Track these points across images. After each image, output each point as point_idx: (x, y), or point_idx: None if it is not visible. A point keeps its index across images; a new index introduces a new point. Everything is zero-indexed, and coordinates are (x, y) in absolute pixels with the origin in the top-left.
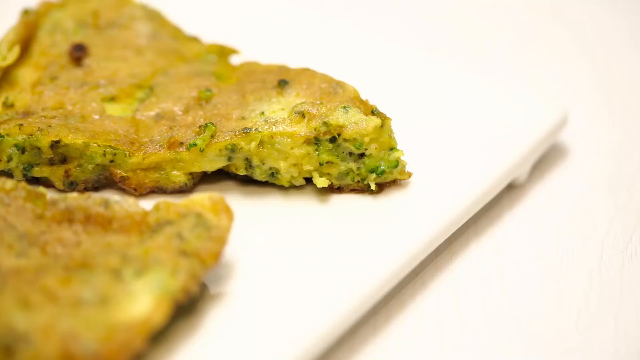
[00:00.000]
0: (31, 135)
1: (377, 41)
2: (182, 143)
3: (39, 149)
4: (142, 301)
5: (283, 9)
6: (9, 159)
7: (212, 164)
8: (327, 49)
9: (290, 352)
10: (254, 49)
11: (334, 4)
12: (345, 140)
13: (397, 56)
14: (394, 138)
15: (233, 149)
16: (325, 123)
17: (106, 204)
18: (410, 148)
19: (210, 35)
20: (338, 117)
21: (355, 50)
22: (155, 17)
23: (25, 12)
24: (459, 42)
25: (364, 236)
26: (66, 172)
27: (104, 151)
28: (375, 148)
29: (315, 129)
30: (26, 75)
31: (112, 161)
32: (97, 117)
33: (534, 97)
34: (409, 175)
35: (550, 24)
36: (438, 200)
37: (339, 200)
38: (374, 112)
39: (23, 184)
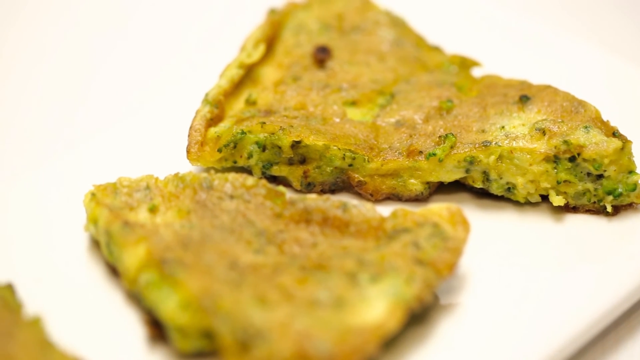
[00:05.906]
0: (273, 134)
1: (618, 61)
2: (421, 152)
3: (279, 148)
4: (377, 306)
5: (524, 24)
6: (249, 156)
7: (449, 175)
8: (568, 67)
9: None
10: (495, 62)
11: (578, 23)
12: (584, 160)
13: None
14: (634, 161)
15: (472, 161)
16: (565, 142)
17: (344, 207)
18: None
19: (451, 46)
20: (579, 137)
21: (596, 70)
22: (399, 24)
23: (272, 12)
24: None
25: (597, 258)
26: (304, 172)
27: (344, 155)
28: (614, 170)
29: (555, 147)
30: (269, 73)
31: (350, 165)
32: (337, 120)
33: None
34: None
35: None
36: None
37: (573, 220)
38: (615, 133)
39: (264, 181)
